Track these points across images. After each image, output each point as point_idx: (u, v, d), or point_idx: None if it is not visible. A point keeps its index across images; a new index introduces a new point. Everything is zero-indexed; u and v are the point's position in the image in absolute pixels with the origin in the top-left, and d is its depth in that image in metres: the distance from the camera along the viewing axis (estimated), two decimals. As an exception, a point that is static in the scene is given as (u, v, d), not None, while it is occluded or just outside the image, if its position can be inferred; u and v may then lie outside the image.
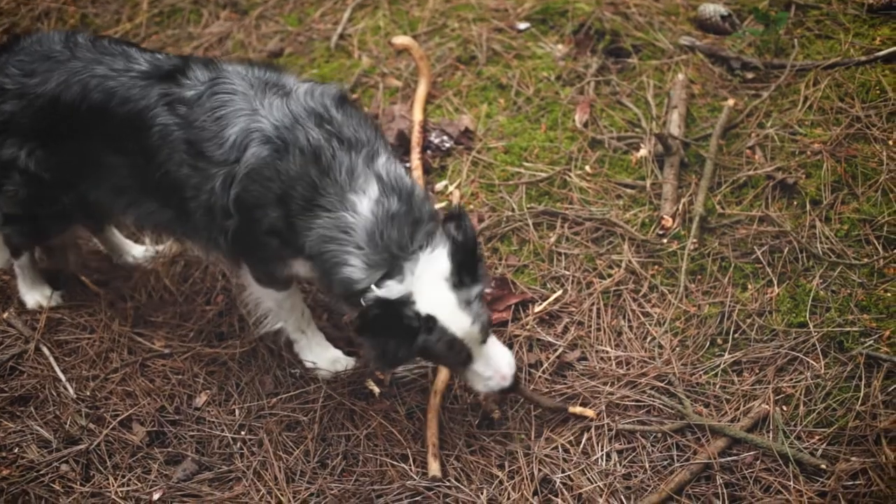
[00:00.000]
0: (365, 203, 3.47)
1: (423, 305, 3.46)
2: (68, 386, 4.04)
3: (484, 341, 3.61)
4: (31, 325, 4.25)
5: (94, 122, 3.76)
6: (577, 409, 3.82)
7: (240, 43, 5.57)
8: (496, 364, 3.65)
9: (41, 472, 3.77)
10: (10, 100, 3.85)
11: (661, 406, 3.81)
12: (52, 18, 5.85)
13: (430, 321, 3.49)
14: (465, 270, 3.48)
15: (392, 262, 3.47)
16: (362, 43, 5.42)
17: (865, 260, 4.08)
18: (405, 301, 3.45)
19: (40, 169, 3.88)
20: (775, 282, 4.11)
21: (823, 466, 3.56)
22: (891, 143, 4.45)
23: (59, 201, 3.96)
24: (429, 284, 3.47)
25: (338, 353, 4.07)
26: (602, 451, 3.71)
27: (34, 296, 4.31)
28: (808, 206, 4.28)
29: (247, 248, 3.73)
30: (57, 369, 4.09)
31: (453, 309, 3.49)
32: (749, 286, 4.12)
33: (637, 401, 3.84)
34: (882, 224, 4.18)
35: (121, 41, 3.97)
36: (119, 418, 3.94)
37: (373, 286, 3.47)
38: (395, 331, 3.46)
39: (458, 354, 3.59)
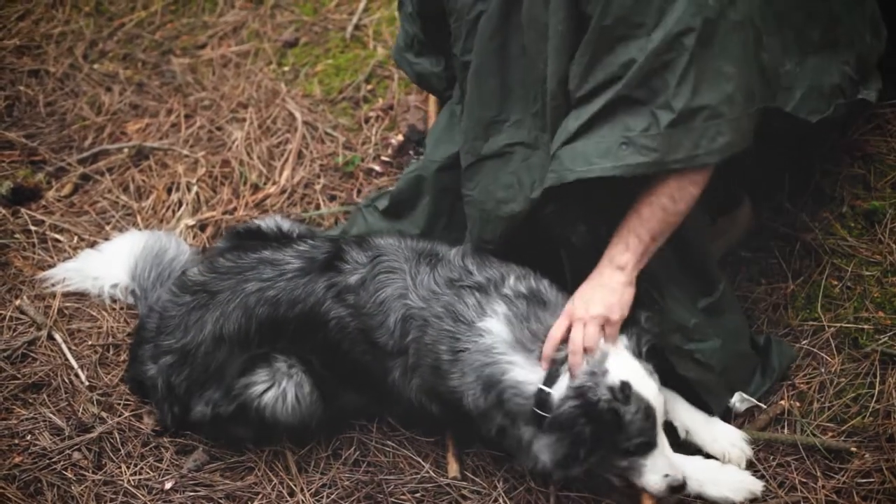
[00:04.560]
0: (493, 322, 3.44)
1: (611, 375, 3.29)
2: (81, 374, 4.04)
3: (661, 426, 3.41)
4: (45, 312, 4.25)
5: (269, 339, 3.69)
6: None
7: (254, 32, 5.56)
8: (671, 457, 3.39)
9: (53, 460, 3.77)
10: (178, 371, 3.78)
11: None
12: (66, 5, 5.85)
13: (626, 389, 3.28)
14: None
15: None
16: (377, 34, 5.42)
17: (878, 257, 4.07)
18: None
19: (225, 410, 3.77)
20: (790, 277, 4.09)
21: (854, 449, 3.55)
22: (908, 140, 4.44)
23: None
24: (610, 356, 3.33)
25: None
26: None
27: None
28: (823, 202, 4.27)
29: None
30: (70, 357, 4.09)
31: (642, 375, 3.35)
32: (763, 281, 4.11)
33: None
34: (898, 220, 4.18)
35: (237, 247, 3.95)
36: (130, 408, 3.95)
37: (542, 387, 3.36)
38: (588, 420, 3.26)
39: (650, 432, 3.32)
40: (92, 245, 4.54)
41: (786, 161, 4.18)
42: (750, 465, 3.58)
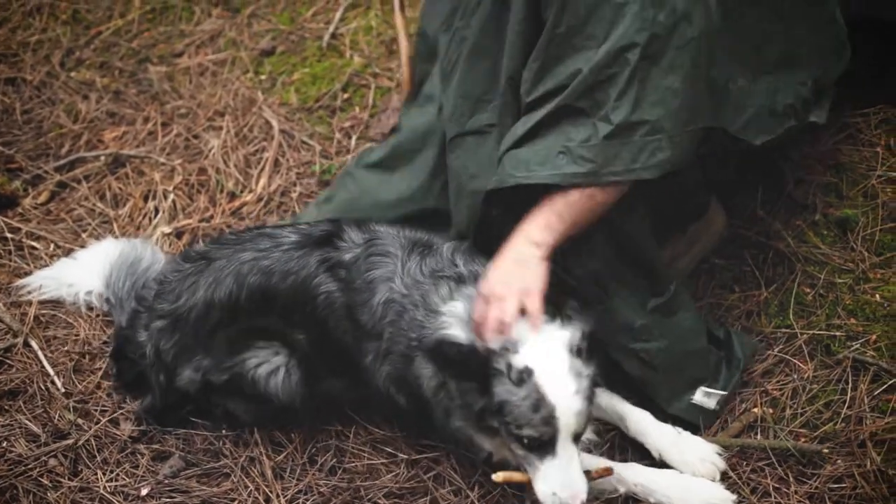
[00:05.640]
0: (456, 304, 3.43)
1: (518, 357, 3.22)
2: (57, 380, 4.03)
3: (576, 440, 3.25)
4: (21, 319, 4.25)
5: (259, 307, 3.69)
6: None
7: (231, 41, 5.58)
8: (573, 477, 3.23)
9: (29, 467, 3.75)
10: (168, 336, 3.80)
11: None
12: (43, 14, 5.85)
13: (525, 373, 3.19)
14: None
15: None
16: (354, 43, 5.44)
17: (851, 265, 4.11)
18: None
19: (217, 379, 3.80)
20: (763, 284, 4.13)
21: (825, 451, 3.58)
22: (879, 148, 4.47)
23: None
24: (539, 342, 3.26)
25: None
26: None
27: None
28: (796, 210, 4.31)
29: None
30: (46, 364, 4.08)
31: (560, 370, 3.21)
32: (736, 289, 4.14)
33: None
34: (869, 229, 4.20)
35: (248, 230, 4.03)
36: (107, 414, 3.95)
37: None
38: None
39: (541, 429, 3.20)
40: (68, 253, 4.54)
41: (751, 170, 4.23)
42: (724, 473, 3.59)
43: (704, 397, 3.74)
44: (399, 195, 4.15)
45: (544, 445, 3.22)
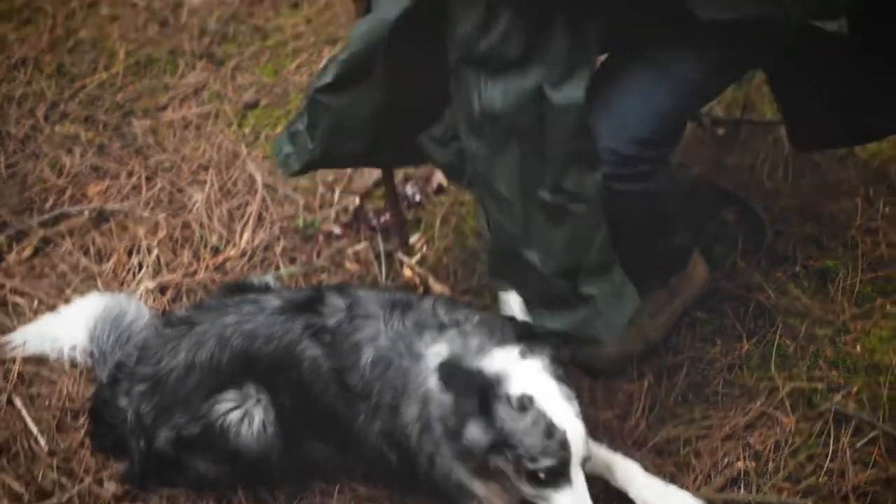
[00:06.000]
0: (439, 346, 3.44)
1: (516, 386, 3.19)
2: (40, 439, 4.02)
3: (583, 466, 3.20)
4: (4, 376, 4.24)
5: (241, 370, 3.68)
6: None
7: (215, 94, 5.61)
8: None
9: (12, 527, 3.76)
10: (148, 399, 3.78)
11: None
12: (28, 66, 5.88)
13: (527, 400, 3.16)
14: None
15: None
16: (337, 95, 5.46)
17: (831, 316, 4.13)
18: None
19: (190, 433, 3.75)
20: (744, 337, 4.14)
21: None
22: (858, 199, 4.52)
23: None
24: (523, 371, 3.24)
25: None
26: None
27: None
28: (776, 262, 4.34)
29: None
30: (29, 422, 4.07)
31: (559, 398, 3.19)
32: (718, 342, 4.16)
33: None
34: (849, 280, 4.24)
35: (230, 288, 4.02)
36: (90, 473, 3.94)
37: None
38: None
39: (559, 454, 3.14)
40: (52, 308, 4.53)
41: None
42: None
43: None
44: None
45: (559, 475, 3.17)
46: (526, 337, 3.40)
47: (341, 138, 3.93)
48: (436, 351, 3.43)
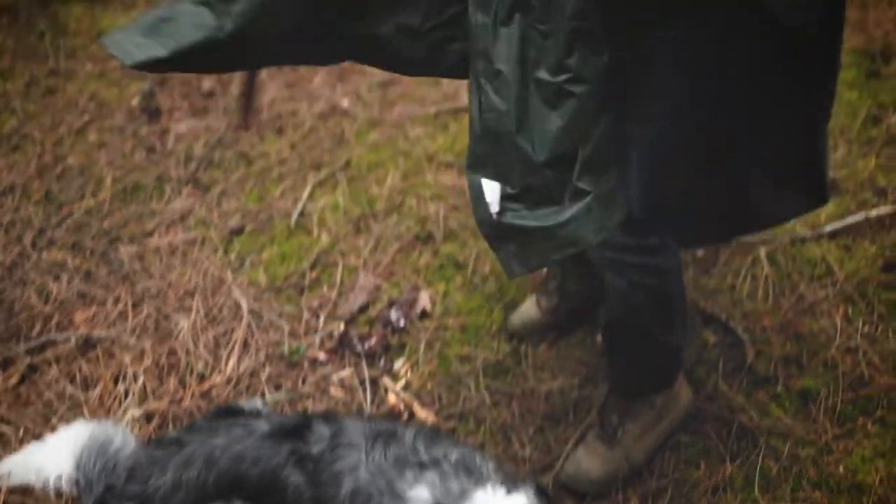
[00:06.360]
0: (420, 489, 3.40)
1: None
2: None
3: None
4: (-12, 507, 4.25)
5: (227, 491, 3.67)
6: None
7: (201, 220, 5.67)
8: None
9: None
10: None
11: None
12: (16, 193, 5.94)
13: None
14: None
15: None
16: (322, 220, 5.54)
17: (813, 436, 4.16)
18: None
19: None
20: (728, 458, 4.17)
21: None
22: (838, 318, 4.58)
23: None
24: None
25: None
26: None
27: None
28: (758, 383, 4.37)
29: None
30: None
31: None
32: (702, 464, 4.17)
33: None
34: (830, 399, 4.27)
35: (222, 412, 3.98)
36: None
37: None
38: None
39: None
40: (38, 437, 4.53)
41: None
42: None
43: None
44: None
45: None
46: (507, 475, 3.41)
47: (272, 13, 3.25)
48: (416, 495, 3.44)
